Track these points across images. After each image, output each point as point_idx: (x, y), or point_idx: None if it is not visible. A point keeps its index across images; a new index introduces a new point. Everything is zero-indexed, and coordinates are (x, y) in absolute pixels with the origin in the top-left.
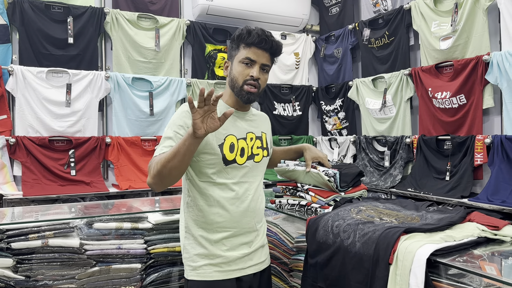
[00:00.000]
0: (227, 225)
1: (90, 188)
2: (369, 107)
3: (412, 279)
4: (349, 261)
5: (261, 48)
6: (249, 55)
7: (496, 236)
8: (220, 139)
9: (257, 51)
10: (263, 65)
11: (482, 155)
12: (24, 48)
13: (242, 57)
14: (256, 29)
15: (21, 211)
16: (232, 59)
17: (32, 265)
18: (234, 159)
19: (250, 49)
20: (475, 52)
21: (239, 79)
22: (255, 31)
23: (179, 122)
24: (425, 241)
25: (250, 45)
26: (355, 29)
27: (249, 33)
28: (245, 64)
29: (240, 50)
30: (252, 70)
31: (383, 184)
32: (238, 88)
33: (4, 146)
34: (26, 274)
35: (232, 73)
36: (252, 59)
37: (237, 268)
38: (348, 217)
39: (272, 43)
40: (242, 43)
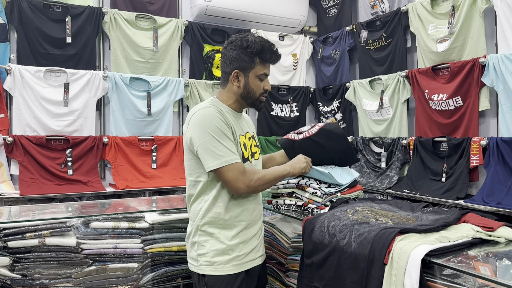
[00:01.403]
0: (243, 218)
1: (87, 187)
2: (366, 109)
3: (407, 279)
4: (344, 261)
5: (273, 64)
6: (265, 71)
7: (491, 237)
8: (236, 138)
9: (269, 66)
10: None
11: (478, 157)
12: (22, 47)
13: (260, 73)
14: (267, 45)
15: (18, 210)
16: (245, 72)
17: (29, 264)
18: (248, 157)
19: (265, 65)
20: (471, 54)
21: (257, 93)
22: (269, 48)
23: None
24: (420, 241)
25: (265, 62)
26: (352, 30)
27: (267, 50)
28: (261, 80)
29: (256, 64)
30: (265, 84)
31: (380, 185)
32: (255, 100)
33: (1, 145)
34: (23, 273)
35: (249, 86)
36: (267, 74)
37: (249, 260)
38: (344, 218)
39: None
40: (257, 57)
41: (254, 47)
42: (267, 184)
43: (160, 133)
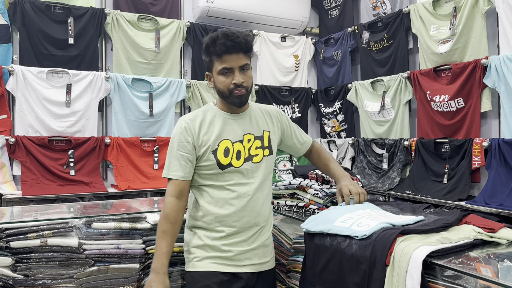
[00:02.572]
0: (226, 223)
1: (89, 188)
2: (368, 110)
3: (408, 280)
4: (346, 263)
5: (232, 53)
6: (224, 65)
7: (492, 239)
8: (214, 146)
9: (229, 57)
10: (241, 67)
11: (479, 158)
12: (25, 48)
13: (219, 69)
14: (219, 37)
15: (20, 210)
16: (211, 72)
17: (31, 264)
18: (229, 163)
19: (222, 58)
20: (473, 55)
21: (224, 89)
22: (219, 40)
23: (180, 139)
24: (421, 242)
25: (220, 55)
26: (354, 32)
27: (213, 44)
28: (224, 75)
29: (214, 62)
30: (233, 78)
31: (381, 186)
32: (228, 97)
33: (4, 145)
34: (25, 273)
35: (216, 85)
36: (228, 67)
37: (233, 264)
38: None
39: (240, 44)
40: (212, 55)
41: (207, 45)
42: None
43: (162, 134)
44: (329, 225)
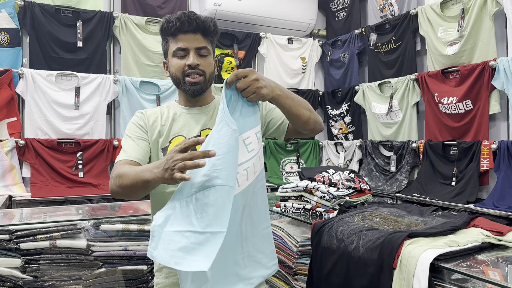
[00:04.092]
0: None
1: (97, 190)
2: (376, 112)
3: (415, 283)
4: (353, 266)
5: (187, 31)
6: (178, 45)
7: (501, 242)
8: (165, 143)
9: (185, 37)
10: (198, 49)
11: (488, 160)
12: (34, 51)
13: (173, 49)
14: (176, 15)
15: (30, 212)
16: (167, 57)
17: (40, 265)
18: None
19: (176, 38)
20: (481, 57)
21: (178, 73)
22: (174, 17)
23: (131, 126)
24: (428, 246)
25: (175, 34)
26: (361, 34)
27: (168, 21)
28: (178, 57)
29: (169, 44)
30: (187, 60)
31: (389, 189)
32: (181, 83)
33: (14, 148)
34: (34, 274)
35: (170, 70)
36: (183, 47)
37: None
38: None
39: (196, 21)
40: (168, 36)
41: (162, 25)
42: (126, 189)
43: None
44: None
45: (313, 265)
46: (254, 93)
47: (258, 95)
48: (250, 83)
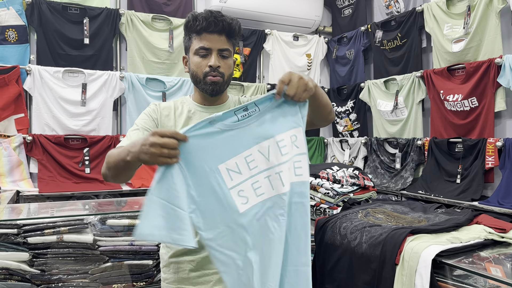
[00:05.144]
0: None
1: (104, 185)
2: (381, 109)
3: (417, 279)
4: (356, 262)
5: (213, 32)
6: (202, 44)
7: (503, 239)
8: None
9: (210, 37)
10: (220, 50)
11: (493, 158)
12: (42, 48)
13: (196, 48)
14: (203, 13)
15: (37, 207)
16: (188, 53)
17: (47, 259)
18: None
19: (201, 37)
20: (487, 55)
21: (198, 72)
22: (201, 15)
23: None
24: (431, 242)
25: (200, 33)
26: (367, 30)
27: (195, 19)
28: (200, 56)
29: (192, 41)
30: (209, 60)
31: (394, 186)
32: (201, 82)
33: (21, 143)
34: (42, 268)
35: (190, 68)
36: (206, 47)
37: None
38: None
39: (223, 23)
40: (192, 32)
41: (187, 21)
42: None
43: None
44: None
45: (317, 261)
46: (305, 91)
47: (309, 91)
48: (298, 83)
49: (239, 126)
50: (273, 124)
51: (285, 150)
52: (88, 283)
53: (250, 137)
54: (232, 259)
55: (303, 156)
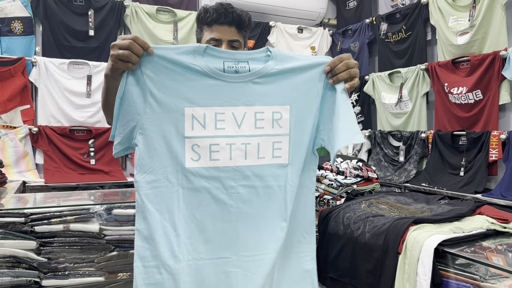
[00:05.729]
0: None
1: (109, 177)
2: (385, 102)
3: (420, 268)
4: (359, 251)
5: (223, 23)
6: (212, 35)
7: (506, 229)
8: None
9: (220, 28)
10: (231, 41)
11: (497, 151)
12: (47, 40)
13: (207, 39)
14: (214, 5)
15: (43, 197)
16: None
17: (54, 248)
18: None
19: (212, 28)
20: (492, 47)
21: None
22: (212, 7)
23: None
24: (433, 231)
25: (211, 24)
26: (372, 23)
27: (206, 11)
28: None
29: (203, 33)
30: None
31: (397, 179)
32: None
33: (27, 135)
34: (48, 257)
35: None
36: (217, 38)
37: None
38: (358, 210)
39: (233, 14)
40: (203, 24)
41: (199, 14)
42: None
43: None
44: None
45: (320, 251)
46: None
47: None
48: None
49: (223, 78)
50: (258, 92)
51: (260, 123)
52: (94, 272)
53: (229, 95)
54: (155, 219)
55: (285, 138)
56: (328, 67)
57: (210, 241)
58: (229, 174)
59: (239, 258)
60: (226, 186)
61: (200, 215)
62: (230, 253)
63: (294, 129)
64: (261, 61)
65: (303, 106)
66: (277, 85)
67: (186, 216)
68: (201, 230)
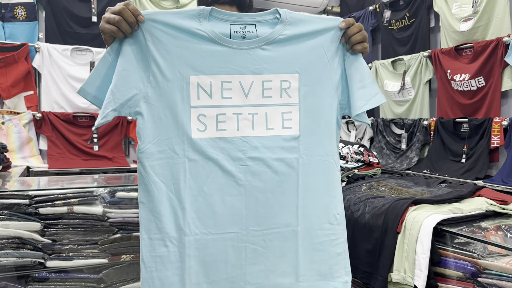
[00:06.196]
0: None
1: (112, 163)
2: (388, 90)
3: (418, 246)
4: (359, 232)
5: (224, 3)
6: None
7: (505, 211)
8: None
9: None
10: None
11: (499, 137)
12: (50, 26)
13: None
14: None
15: (47, 180)
16: None
17: (58, 230)
18: None
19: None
20: (495, 34)
21: None
22: None
23: None
24: (432, 211)
25: (212, 4)
26: (375, 10)
27: None
28: None
29: None
30: None
31: (399, 166)
32: None
33: (31, 120)
34: (53, 238)
35: None
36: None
37: None
38: (359, 192)
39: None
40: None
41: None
42: None
43: None
44: None
45: None
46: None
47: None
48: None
49: (229, 44)
50: (266, 60)
51: (268, 93)
52: (98, 253)
53: (236, 62)
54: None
55: (295, 108)
56: (344, 23)
57: (218, 215)
58: (236, 146)
59: (248, 232)
60: (234, 158)
61: (208, 188)
62: (239, 228)
63: (305, 98)
64: (270, 25)
65: (314, 74)
66: (285, 52)
67: (193, 189)
68: (208, 204)
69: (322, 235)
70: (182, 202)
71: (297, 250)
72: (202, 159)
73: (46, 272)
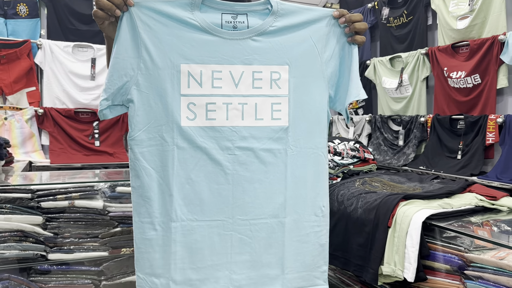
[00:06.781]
0: None
1: (113, 158)
2: (386, 87)
3: (408, 240)
4: (351, 226)
5: None
6: None
7: (494, 206)
8: None
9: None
10: None
11: (494, 134)
12: (52, 23)
13: None
14: None
15: (49, 175)
16: None
17: (60, 223)
18: None
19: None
20: (491, 32)
21: None
22: None
23: None
24: (422, 206)
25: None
26: (374, 7)
27: None
28: None
29: None
30: None
31: (396, 162)
32: None
33: (33, 116)
34: (55, 232)
35: None
36: None
37: None
38: (352, 187)
39: None
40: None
41: None
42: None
43: None
44: None
45: None
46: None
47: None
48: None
49: (220, 34)
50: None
51: (258, 83)
52: (98, 247)
53: (227, 52)
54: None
55: (284, 99)
56: (337, 12)
57: (205, 202)
58: (225, 135)
59: (234, 221)
60: (223, 147)
61: (195, 176)
62: (225, 216)
63: (295, 90)
64: (261, 15)
65: (304, 65)
66: (275, 43)
67: (181, 176)
68: (195, 192)
69: (308, 226)
70: (170, 189)
71: (283, 242)
72: (191, 147)
73: (48, 264)
